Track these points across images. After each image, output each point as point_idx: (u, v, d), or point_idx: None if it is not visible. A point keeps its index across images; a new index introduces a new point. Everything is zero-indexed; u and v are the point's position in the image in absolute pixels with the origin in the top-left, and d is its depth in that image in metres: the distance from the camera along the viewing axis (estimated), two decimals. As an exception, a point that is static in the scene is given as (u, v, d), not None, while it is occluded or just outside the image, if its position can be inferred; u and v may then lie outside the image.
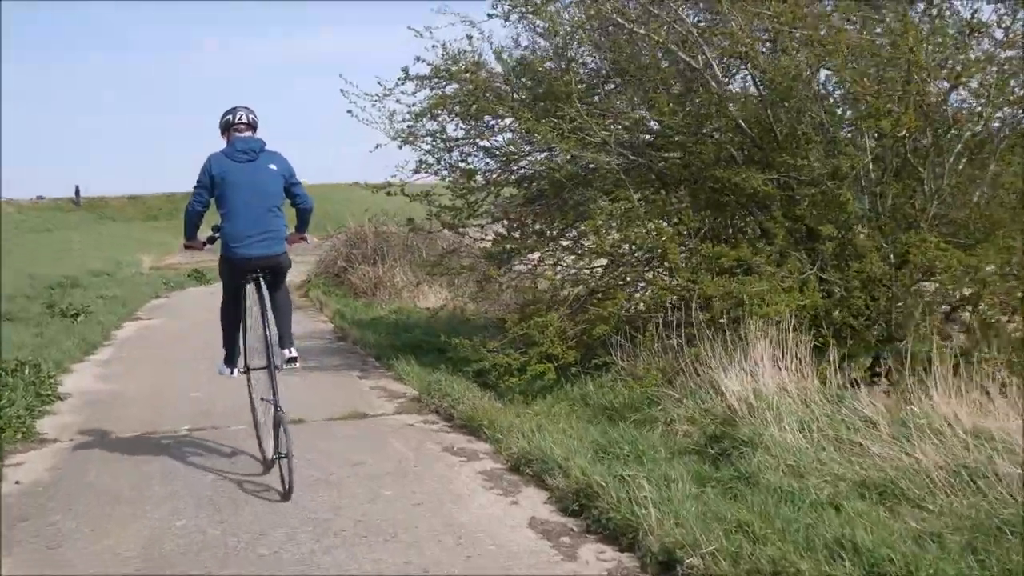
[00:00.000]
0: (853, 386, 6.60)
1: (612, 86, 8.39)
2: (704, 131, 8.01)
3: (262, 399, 6.12)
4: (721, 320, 7.20)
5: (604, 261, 8.77)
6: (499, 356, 7.71)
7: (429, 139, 8.74)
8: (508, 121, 8.66)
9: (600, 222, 7.69)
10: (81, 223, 52.30)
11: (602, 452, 5.84)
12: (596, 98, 8.42)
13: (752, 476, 5.14)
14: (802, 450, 5.46)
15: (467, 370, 8.47)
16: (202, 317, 15.13)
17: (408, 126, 8.71)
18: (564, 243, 8.86)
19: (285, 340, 6.02)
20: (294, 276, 21.55)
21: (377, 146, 8.90)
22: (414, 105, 8.77)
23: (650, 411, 6.76)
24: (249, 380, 6.35)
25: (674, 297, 7.70)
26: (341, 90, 8.63)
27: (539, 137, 7.95)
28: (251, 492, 5.49)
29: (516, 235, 9.24)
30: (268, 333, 5.82)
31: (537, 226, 8.87)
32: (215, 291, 6.49)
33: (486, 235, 9.74)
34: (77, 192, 60.39)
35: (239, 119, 5.91)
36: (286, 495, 5.31)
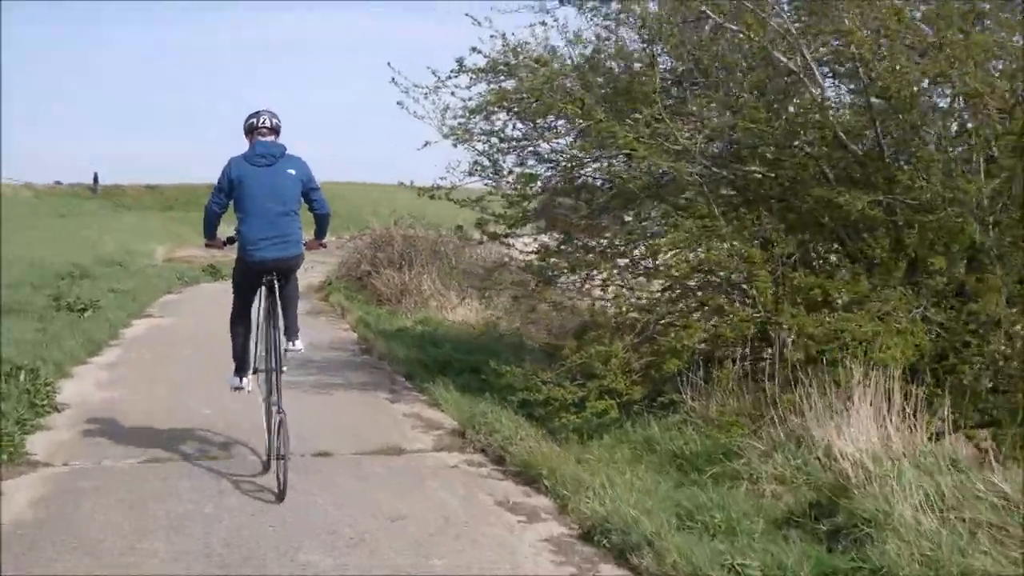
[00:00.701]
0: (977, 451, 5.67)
1: (691, 88, 7.43)
2: (795, 143, 7.05)
3: (264, 400, 6.15)
4: (815, 362, 6.28)
5: (659, 284, 7.89)
6: (555, 389, 6.76)
7: (485, 139, 7.79)
8: (567, 123, 7.73)
9: (680, 240, 6.75)
10: (98, 211, 51.59)
11: (687, 517, 4.92)
12: (671, 101, 7.47)
13: (887, 572, 4.17)
14: (939, 537, 4.48)
15: (511, 399, 7.55)
16: (216, 318, 14.08)
17: (461, 123, 7.78)
18: (622, 261, 7.92)
19: (291, 331, 6.10)
20: (313, 278, 20.72)
21: (426, 144, 7.96)
22: (469, 99, 7.85)
23: (730, 464, 5.82)
24: (259, 382, 6.27)
25: (755, 331, 6.77)
26: (392, 79, 7.74)
27: (611, 141, 7.01)
28: (275, 548, 4.53)
29: (566, 248, 8.33)
30: (274, 338, 5.94)
31: (601, 241, 7.93)
32: (229, 288, 6.33)
33: (529, 247, 8.80)
34: (95, 179, 59.72)
35: (262, 123, 5.96)
36: (280, 496, 5.35)
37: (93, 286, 17.53)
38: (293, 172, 5.88)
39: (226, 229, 6.28)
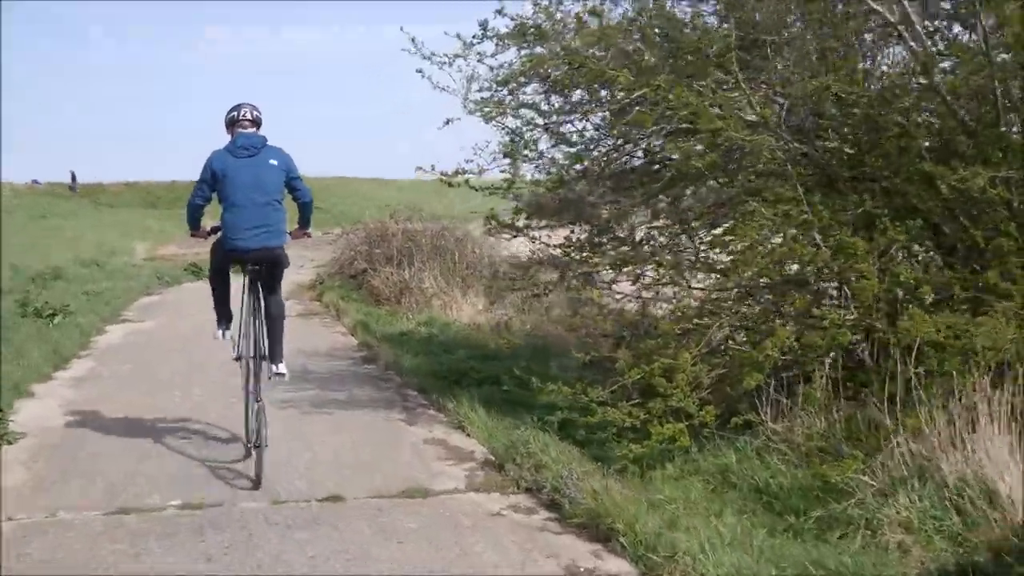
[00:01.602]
0: None
1: (768, 47, 6.23)
2: (887, 111, 5.88)
3: (244, 388, 6.21)
4: (931, 374, 5.15)
5: (711, 281, 6.75)
6: (610, 411, 5.59)
7: (520, 114, 6.58)
8: (612, 95, 6.54)
9: (757, 229, 5.59)
10: (78, 209, 50.11)
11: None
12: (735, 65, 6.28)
13: None
14: None
15: (549, 419, 6.39)
16: (199, 322, 12.97)
17: (491, 95, 6.57)
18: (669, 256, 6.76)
19: (275, 355, 6.06)
20: (303, 276, 19.48)
21: (448, 121, 6.76)
22: (499, 68, 6.66)
23: (836, 504, 4.68)
24: (243, 365, 6.22)
25: (855, 337, 5.62)
26: (413, 43, 6.55)
27: (672, 113, 5.82)
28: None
29: (599, 241, 7.18)
30: (256, 330, 6.00)
31: (651, 232, 6.78)
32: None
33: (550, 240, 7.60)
34: (73, 178, 58.33)
35: (243, 115, 6.05)
36: (256, 483, 5.39)
37: (66, 289, 16.23)
38: (275, 163, 5.94)
39: (210, 220, 6.29)
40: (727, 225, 6.59)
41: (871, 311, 5.53)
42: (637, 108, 6.22)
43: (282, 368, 6.06)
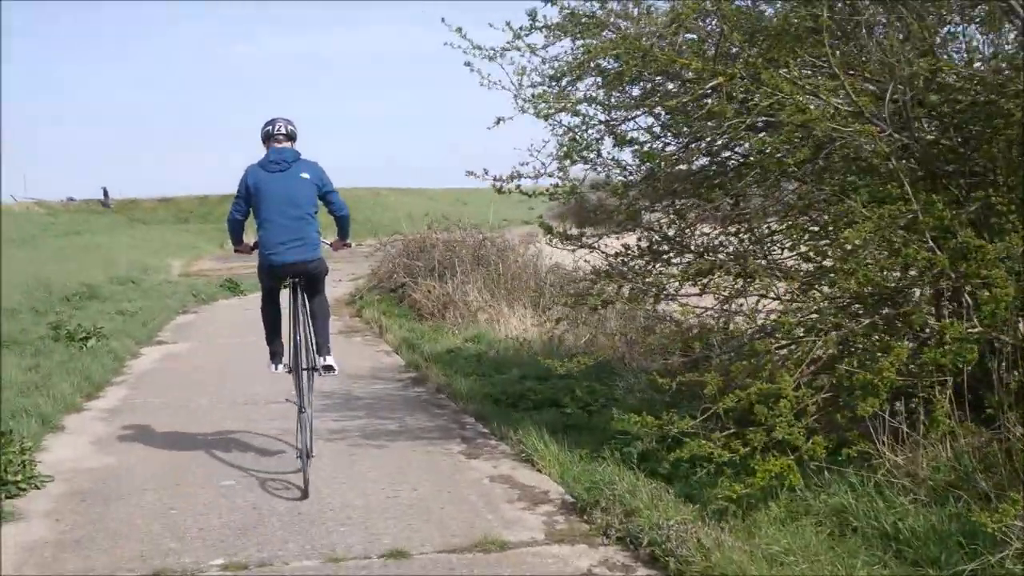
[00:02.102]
0: None
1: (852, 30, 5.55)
2: (1002, 97, 5.16)
3: (286, 400, 6.39)
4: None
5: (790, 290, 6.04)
6: (702, 444, 4.92)
7: (582, 108, 5.90)
8: (682, 86, 5.87)
9: (869, 232, 4.89)
10: (112, 226, 50.13)
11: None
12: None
13: None
14: None
15: (628, 450, 5.76)
16: (236, 344, 12.51)
17: (545, 90, 5.92)
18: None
19: (323, 348, 6.15)
20: (341, 290, 18.96)
21: (499, 121, 6.12)
22: (551, 59, 6.01)
23: (987, 556, 3.98)
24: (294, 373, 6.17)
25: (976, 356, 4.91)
26: (460, 33, 5.92)
27: (756, 104, 5.15)
28: None
29: (662, 250, 6.52)
30: (301, 339, 6.04)
31: (728, 238, 6.10)
32: (250, 306, 6.91)
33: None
34: (105, 194, 58.61)
35: (277, 130, 6.13)
36: (304, 493, 5.44)
37: (100, 308, 15.84)
38: (307, 176, 6.01)
39: (253, 235, 6.27)
40: (814, 229, 5.95)
41: (998, 323, 4.83)
42: (709, 101, 5.56)
43: (330, 360, 6.17)
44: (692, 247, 6.46)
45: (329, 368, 6.16)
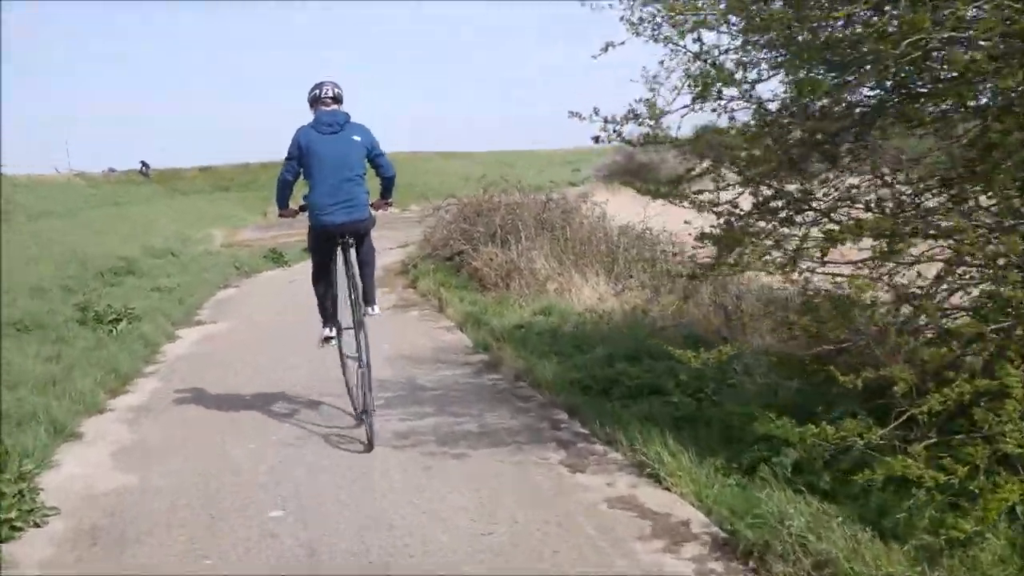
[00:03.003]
0: None
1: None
2: None
3: (348, 356, 6.28)
4: None
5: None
6: (911, 465, 3.62)
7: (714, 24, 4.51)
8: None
9: None
10: (152, 196, 49.46)
11: None
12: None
13: None
14: None
15: (779, 460, 4.49)
16: (280, 323, 11.30)
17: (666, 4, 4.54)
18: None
19: (369, 297, 6.23)
20: (391, 259, 17.77)
21: (607, 47, 4.79)
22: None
23: None
24: (340, 338, 6.35)
25: None
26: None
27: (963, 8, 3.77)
28: None
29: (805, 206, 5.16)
30: (354, 297, 6.08)
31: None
32: (296, 278, 7.38)
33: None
34: (144, 165, 58.09)
35: (325, 93, 6.17)
36: (368, 446, 5.53)
37: (136, 286, 14.77)
38: (358, 139, 6.04)
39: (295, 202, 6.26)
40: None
41: None
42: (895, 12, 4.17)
43: (376, 310, 6.32)
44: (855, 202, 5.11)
45: (375, 315, 6.29)
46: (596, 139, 5.37)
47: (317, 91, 6.19)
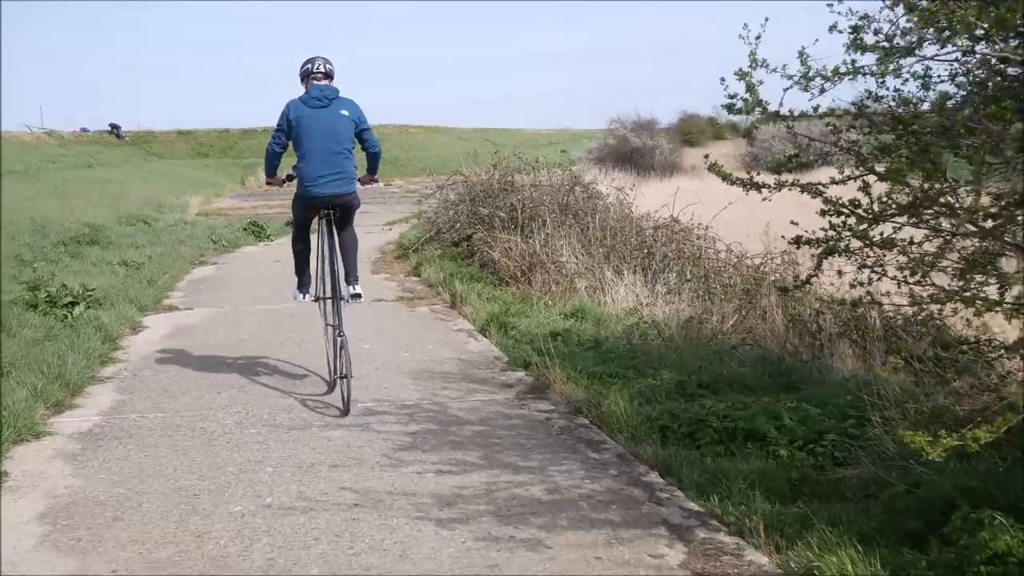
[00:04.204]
0: None
1: None
2: None
3: (328, 324, 6.35)
4: None
5: None
6: None
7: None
8: None
9: None
10: (128, 159, 47.29)
11: None
12: None
13: None
14: None
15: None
16: (268, 312, 9.65)
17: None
18: None
19: (351, 276, 6.37)
20: (382, 239, 16.17)
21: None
22: None
23: None
24: (321, 308, 6.55)
25: None
26: None
27: None
28: None
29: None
30: (335, 268, 6.22)
31: None
32: (279, 255, 7.66)
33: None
34: (114, 127, 55.96)
35: (316, 68, 6.33)
36: (344, 411, 5.63)
37: (102, 258, 13.04)
38: (347, 113, 6.20)
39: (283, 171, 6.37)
40: None
41: None
42: None
43: (358, 288, 6.38)
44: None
45: (357, 296, 6.37)
46: (729, 107, 3.97)
47: (309, 66, 6.34)
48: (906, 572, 3.27)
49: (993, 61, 3.47)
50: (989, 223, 3.75)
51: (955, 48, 3.46)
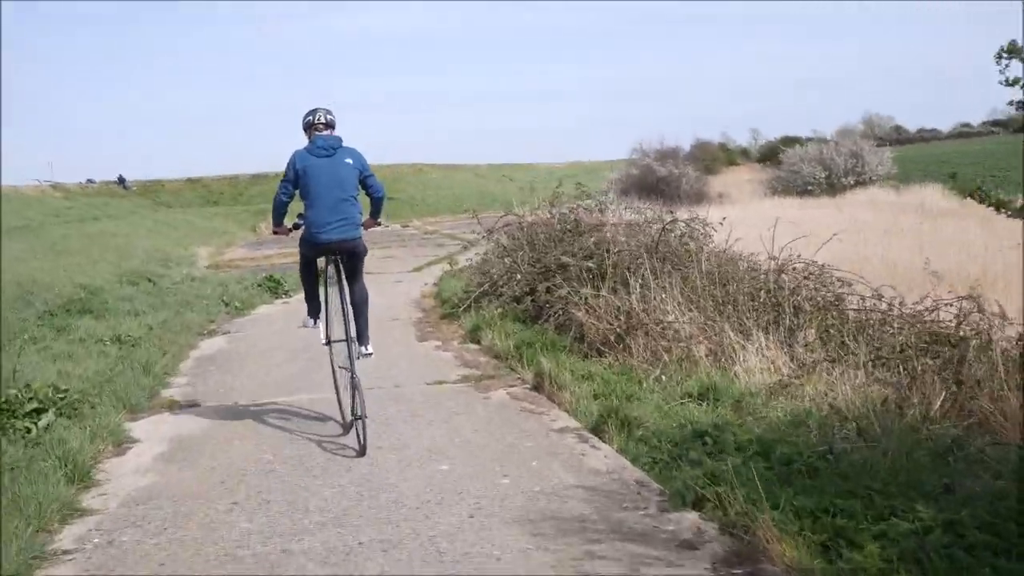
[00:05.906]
0: None
1: None
2: None
3: (340, 367, 6.54)
4: None
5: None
6: None
7: None
8: None
9: None
10: (136, 209, 45.42)
11: None
12: None
13: None
14: None
15: None
16: (294, 402, 7.51)
17: None
18: None
19: (363, 337, 6.50)
20: (419, 287, 13.94)
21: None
22: None
23: None
24: (331, 350, 6.67)
25: None
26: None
27: None
28: None
29: None
30: (346, 313, 6.38)
31: None
32: (301, 314, 7.08)
33: None
34: (121, 179, 54.64)
35: (319, 119, 6.57)
36: (361, 451, 5.72)
37: (92, 332, 10.81)
38: (350, 162, 6.43)
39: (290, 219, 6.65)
40: None
41: None
42: None
43: (369, 348, 6.55)
44: None
45: (368, 355, 6.53)
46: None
47: (311, 117, 6.58)
48: None
49: None
50: None
51: None
